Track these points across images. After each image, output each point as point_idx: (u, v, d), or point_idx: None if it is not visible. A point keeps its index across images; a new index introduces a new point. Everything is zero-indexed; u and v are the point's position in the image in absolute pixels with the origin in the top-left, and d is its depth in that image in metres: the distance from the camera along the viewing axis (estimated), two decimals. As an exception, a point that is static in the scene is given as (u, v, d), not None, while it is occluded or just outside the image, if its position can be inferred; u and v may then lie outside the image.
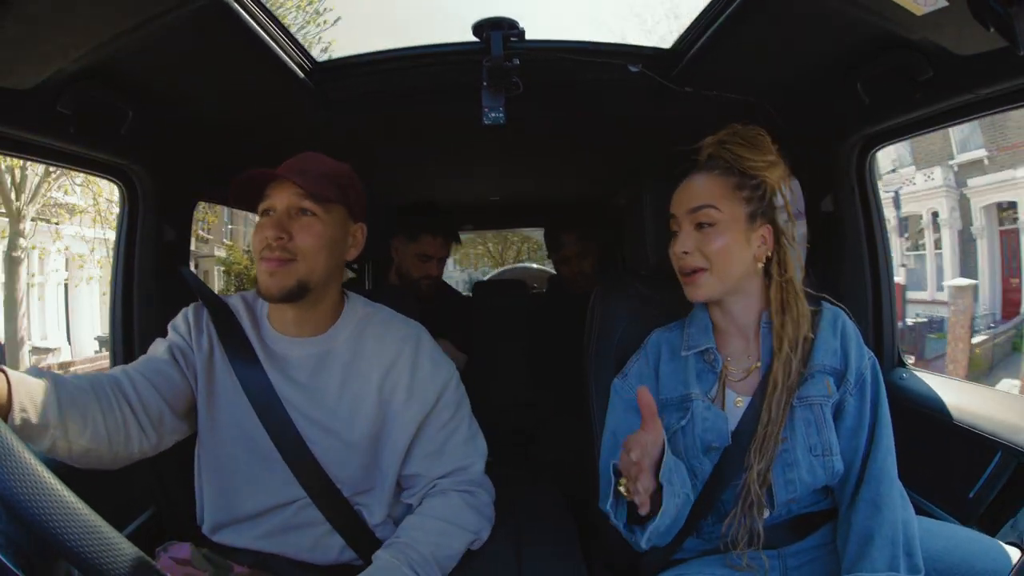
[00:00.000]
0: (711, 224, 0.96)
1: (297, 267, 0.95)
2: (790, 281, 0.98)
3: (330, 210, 0.98)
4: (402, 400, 1.01)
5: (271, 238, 0.93)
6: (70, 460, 0.84)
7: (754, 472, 0.90)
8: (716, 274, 0.96)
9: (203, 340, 1.01)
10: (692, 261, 0.97)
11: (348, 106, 1.37)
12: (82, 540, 0.48)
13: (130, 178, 1.33)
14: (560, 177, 2.43)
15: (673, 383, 1.00)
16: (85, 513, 0.49)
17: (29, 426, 0.75)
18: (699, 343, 1.00)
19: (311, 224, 0.95)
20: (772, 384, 0.93)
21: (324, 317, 1.03)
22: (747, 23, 1.03)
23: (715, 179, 0.98)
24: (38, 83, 0.95)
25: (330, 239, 0.98)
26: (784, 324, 0.96)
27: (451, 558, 0.97)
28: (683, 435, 0.95)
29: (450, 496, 1.01)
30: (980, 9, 0.72)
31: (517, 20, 1.14)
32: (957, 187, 11.35)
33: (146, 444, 0.92)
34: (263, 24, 1.02)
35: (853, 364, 0.96)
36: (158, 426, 0.94)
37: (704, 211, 0.96)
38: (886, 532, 0.87)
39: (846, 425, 0.94)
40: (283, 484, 0.97)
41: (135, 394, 0.92)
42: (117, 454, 0.88)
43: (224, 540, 1.00)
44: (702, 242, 0.96)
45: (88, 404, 0.84)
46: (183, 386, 0.99)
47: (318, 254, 0.96)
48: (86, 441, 0.83)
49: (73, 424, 0.81)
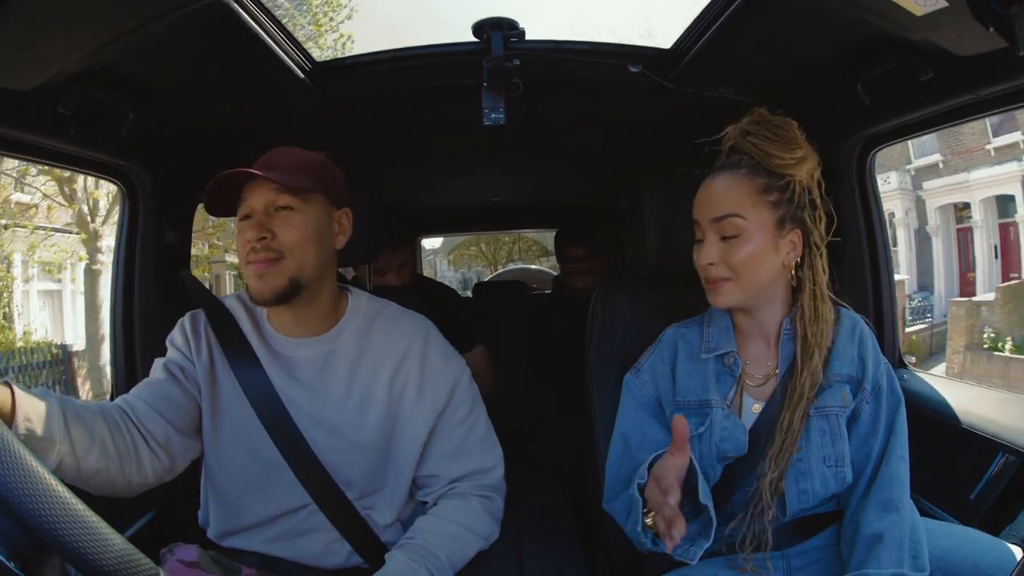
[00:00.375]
0: (737, 234, 0.90)
1: (286, 264, 0.92)
2: (819, 287, 0.93)
3: (309, 200, 0.95)
4: (413, 397, 0.99)
5: (253, 239, 0.91)
6: (82, 483, 0.81)
7: (767, 480, 0.89)
8: (741, 284, 0.91)
9: (202, 348, 1.00)
10: (717, 272, 0.91)
11: (348, 106, 1.37)
12: (74, 533, 0.48)
13: (130, 179, 1.33)
14: (560, 178, 2.43)
15: (691, 385, 0.97)
16: (79, 508, 0.49)
17: (34, 438, 0.74)
18: (720, 346, 0.97)
19: (291, 218, 0.93)
20: (798, 393, 0.90)
21: (325, 315, 1.01)
22: (747, 23, 1.03)
23: (740, 182, 0.91)
24: (38, 84, 0.95)
25: (315, 230, 0.95)
26: (816, 333, 0.92)
27: (463, 562, 0.96)
28: (699, 442, 0.93)
29: (470, 501, 1.00)
30: (980, 9, 0.72)
31: (517, 20, 1.14)
32: (913, 189, 12.31)
33: (159, 466, 0.90)
34: (263, 24, 1.02)
35: (870, 372, 0.94)
36: (167, 447, 0.92)
37: (729, 221, 0.90)
38: (895, 534, 0.85)
39: (859, 431, 0.93)
40: (289, 490, 0.95)
41: (138, 418, 0.91)
42: (131, 479, 0.87)
43: (231, 544, 1.00)
44: (727, 252, 0.91)
45: (95, 422, 0.83)
46: (188, 405, 0.97)
47: (305, 247, 0.93)
48: (94, 459, 0.81)
49: (79, 440, 0.79)
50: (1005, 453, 1.03)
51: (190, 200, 1.49)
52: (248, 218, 0.94)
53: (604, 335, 1.20)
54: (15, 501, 0.47)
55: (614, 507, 0.93)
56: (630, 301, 1.20)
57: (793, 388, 0.91)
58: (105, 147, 1.21)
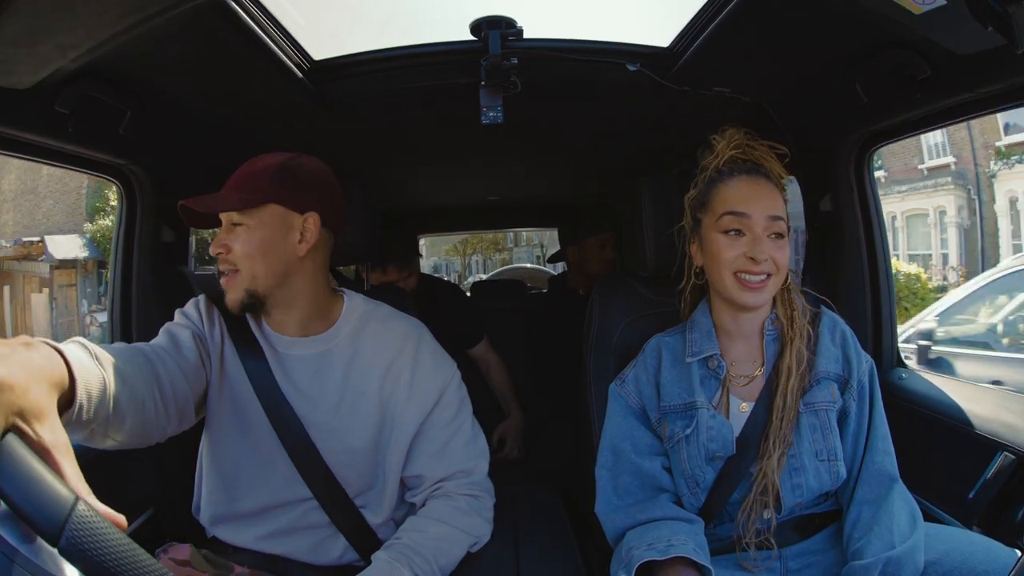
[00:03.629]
0: (781, 235, 0.95)
1: (240, 278, 0.95)
2: (787, 279, 0.99)
3: (256, 214, 0.95)
4: (403, 399, 1.00)
5: (215, 253, 0.96)
6: (92, 444, 0.78)
7: (761, 476, 0.90)
8: (777, 281, 0.96)
9: (215, 333, 1.01)
10: (767, 268, 0.94)
11: (346, 105, 1.37)
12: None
13: (128, 178, 1.33)
14: (558, 177, 2.43)
15: (676, 390, 0.98)
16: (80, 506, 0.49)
17: (76, 423, 0.69)
18: (703, 349, 0.99)
19: (240, 233, 0.95)
20: (777, 387, 0.93)
21: (314, 316, 1.01)
22: (745, 22, 1.03)
23: (775, 187, 0.98)
24: (36, 82, 0.95)
25: (260, 242, 0.95)
26: (790, 325, 0.97)
27: (452, 562, 0.96)
28: (687, 444, 0.95)
29: (456, 500, 1.00)
30: (979, 8, 0.72)
31: (515, 19, 1.14)
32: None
33: (155, 435, 0.90)
34: (261, 23, 1.02)
35: (855, 370, 0.97)
36: (179, 416, 0.92)
37: (779, 223, 0.95)
38: (883, 522, 0.88)
39: (850, 430, 0.95)
40: (286, 483, 0.96)
41: (169, 384, 0.89)
42: (133, 444, 0.86)
43: (225, 537, 1.00)
44: (774, 250, 0.94)
45: (131, 402, 0.80)
46: (202, 375, 0.98)
47: (253, 260, 0.95)
48: (122, 436, 0.80)
49: (115, 425, 0.78)
50: (1004, 452, 1.03)
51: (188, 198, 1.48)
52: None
53: (601, 333, 1.21)
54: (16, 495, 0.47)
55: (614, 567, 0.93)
56: (628, 300, 1.20)
57: (777, 383, 0.94)
58: (103, 145, 1.20)
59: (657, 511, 0.93)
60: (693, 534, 0.89)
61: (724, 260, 0.95)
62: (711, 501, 0.94)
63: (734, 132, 1.00)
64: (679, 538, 0.86)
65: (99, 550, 0.47)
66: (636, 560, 0.85)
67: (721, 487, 0.93)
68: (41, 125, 1.03)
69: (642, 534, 0.90)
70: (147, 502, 1.27)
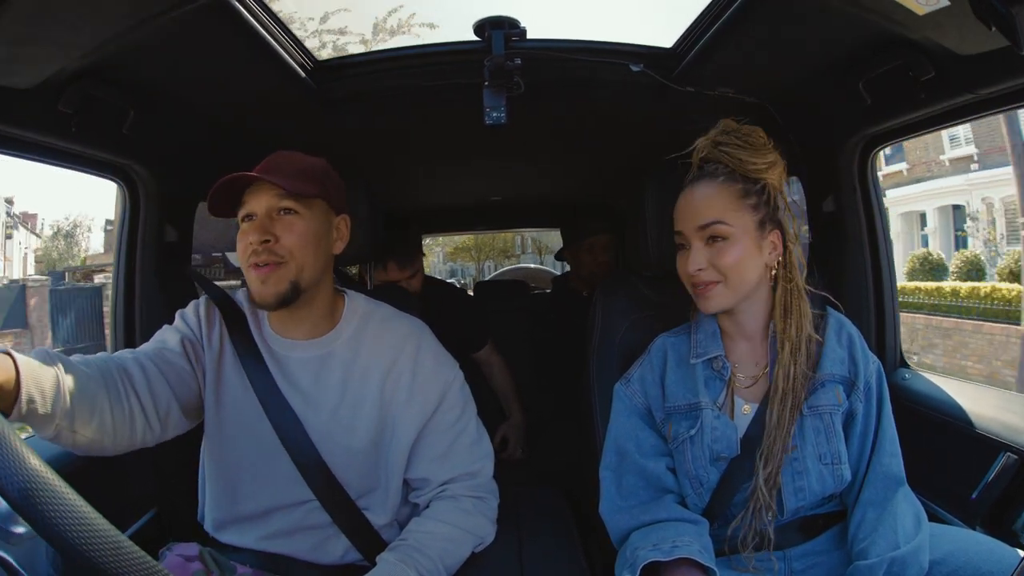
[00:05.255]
0: (723, 238, 0.93)
1: (288, 269, 0.93)
2: (795, 283, 0.97)
3: (311, 206, 0.96)
4: (403, 401, 1.00)
5: (256, 243, 0.92)
6: (72, 448, 0.82)
7: (761, 478, 0.90)
8: (730, 286, 0.94)
9: (214, 335, 1.01)
10: (707, 276, 0.94)
11: (349, 105, 1.37)
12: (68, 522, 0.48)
13: (131, 178, 1.33)
14: (561, 177, 2.43)
15: (681, 391, 0.98)
16: (83, 507, 0.49)
17: (35, 416, 0.74)
18: (708, 350, 0.99)
19: (294, 223, 0.94)
20: (775, 387, 0.93)
21: (322, 317, 1.02)
22: (748, 23, 1.03)
23: (720, 189, 0.94)
24: (39, 82, 0.95)
25: (315, 235, 0.96)
26: (787, 328, 0.95)
27: (457, 563, 0.97)
28: (691, 444, 0.95)
29: (462, 501, 1.00)
30: (982, 9, 0.72)
31: (518, 19, 1.14)
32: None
33: (149, 436, 0.90)
34: (264, 23, 1.02)
35: (862, 372, 0.96)
36: (164, 420, 0.92)
37: (714, 227, 0.93)
38: (888, 523, 0.88)
39: (856, 432, 0.95)
40: (288, 484, 0.96)
41: (146, 386, 0.90)
42: (119, 445, 0.87)
43: (229, 539, 1.00)
44: (715, 256, 0.93)
45: (97, 395, 0.83)
46: (191, 380, 0.97)
47: (306, 252, 0.94)
48: (91, 432, 0.81)
49: (80, 416, 0.79)
50: (1007, 452, 1.03)
51: (191, 198, 1.48)
52: (249, 219, 0.95)
53: (605, 333, 1.20)
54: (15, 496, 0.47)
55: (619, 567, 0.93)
56: (631, 300, 1.20)
57: (776, 384, 0.93)
58: (106, 145, 1.20)
59: (661, 512, 0.93)
60: (698, 535, 0.89)
61: (681, 275, 0.99)
62: (715, 502, 0.94)
63: (718, 132, 0.98)
64: (684, 539, 0.87)
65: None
66: (641, 561, 0.85)
67: (725, 488, 0.93)
68: (44, 125, 1.03)
69: (646, 535, 0.90)
70: (150, 502, 1.28)
